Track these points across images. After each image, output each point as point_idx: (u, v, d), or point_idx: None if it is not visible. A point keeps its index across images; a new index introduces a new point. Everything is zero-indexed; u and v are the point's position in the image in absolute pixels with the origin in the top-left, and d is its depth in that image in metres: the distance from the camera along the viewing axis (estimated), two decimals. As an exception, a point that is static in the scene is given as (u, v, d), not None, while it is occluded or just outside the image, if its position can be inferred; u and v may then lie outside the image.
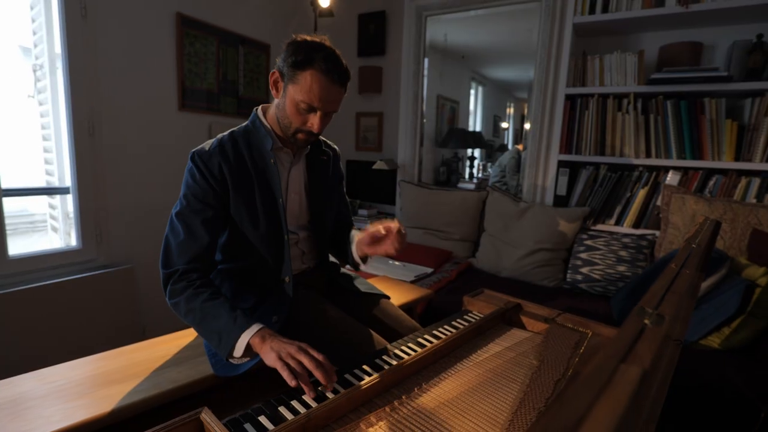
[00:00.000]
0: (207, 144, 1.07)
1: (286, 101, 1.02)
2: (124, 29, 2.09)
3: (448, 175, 3.64)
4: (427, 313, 1.86)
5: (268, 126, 1.10)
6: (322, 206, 1.21)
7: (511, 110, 5.08)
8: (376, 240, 1.05)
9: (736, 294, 1.36)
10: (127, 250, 2.21)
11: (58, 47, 1.93)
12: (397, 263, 2.36)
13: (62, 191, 2.05)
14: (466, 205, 2.55)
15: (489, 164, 4.56)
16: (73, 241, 2.07)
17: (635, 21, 2.17)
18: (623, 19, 2.16)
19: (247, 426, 0.69)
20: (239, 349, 0.89)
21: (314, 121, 1.02)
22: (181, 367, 1.03)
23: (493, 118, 4.82)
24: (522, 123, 4.66)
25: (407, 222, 2.75)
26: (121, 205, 2.16)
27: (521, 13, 2.62)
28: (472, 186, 3.80)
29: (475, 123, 4.49)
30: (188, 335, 1.21)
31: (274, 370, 0.83)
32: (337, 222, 1.33)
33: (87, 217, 2.05)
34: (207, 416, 0.67)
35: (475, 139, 3.94)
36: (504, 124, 5.01)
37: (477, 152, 4.22)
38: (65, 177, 2.04)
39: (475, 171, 4.23)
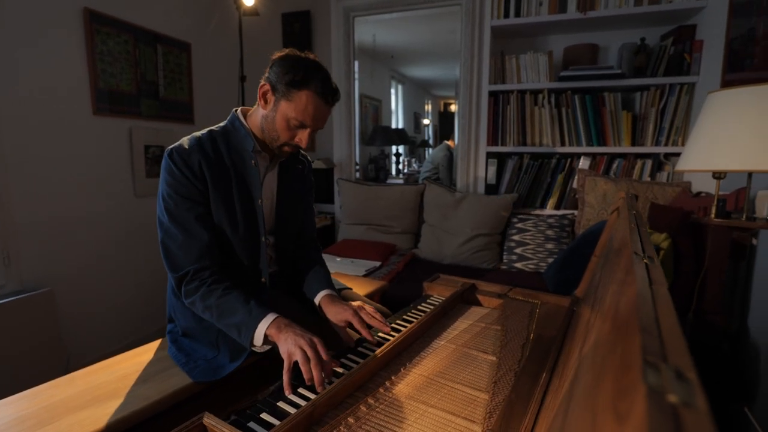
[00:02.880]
0: (184, 141, 1.04)
1: (277, 116, 1.03)
2: (23, 25, 1.86)
3: (377, 172, 3.72)
4: (383, 303, 1.91)
5: (249, 128, 1.09)
6: (288, 214, 1.22)
7: (429, 107, 5.32)
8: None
9: (646, 258, 1.60)
10: (43, 271, 1.98)
11: (-62, 44, 1.66)
12: (342, 260, 2.38)
13: (-45, 211, 1.77)
14: (405, 199, 2.65)
15: (413, 160, 4.75)
16: (-27, 268, 1.80)
17: (543, 25, 2.43)
18: (533, 23, 2.40)
19: (252, 425, 0.69)
20: (258, 339, 0.92)
21: (303, 137, 1.04)
22: (149, 384, 0.97)
23: (413, 115, 5.01)
24: (440, 119, 4.92)
25: (348, 219, 2.78)
26: (31, 221, 1.92)
27: (443, 16, 2.77)
28: (400, 181, 3.93)
29: (398, 121, 4.64)
30: (149, 350, 1.13)
31: (246, 372, 0.87)
32: (301, 235, 1.31)
33: (-10, 239, 1.80)
34: (210, 420, 0.66)
35: (399, 136, 4.08)
36: (425, 121, 5.24)
37: (402, 149, 4.37)
38: (-43, 194, 1.77)
39: (400, 167, 4.38)
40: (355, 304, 1.06)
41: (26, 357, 1.85)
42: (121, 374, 1.01)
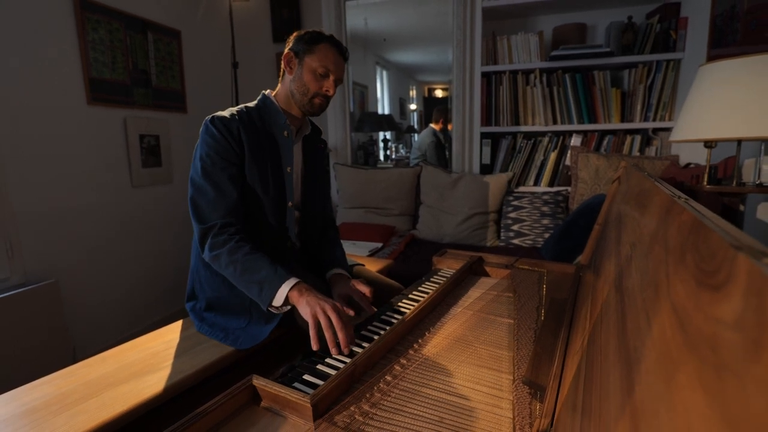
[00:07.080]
0: (223, 111, 1.13)
1: (304, 72, 1.16)
2: (11, 14, 1.81)
3: (366, 158, 3.73)
4: (388, 282, 1.96)
5: (278, 105, 1.20)
6: (312, 186, 1.29)
7: (413, 93, 5.32)
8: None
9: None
10: (47, 262, 1.97)
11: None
12: (343, 242, 2.41)
13: (-47, 205, 1.74)
14: (402, 181, 2.69)
15: (400, 146, 4.77)
16: (-25, 262, 1.78)
17: (532, 5, 2.46)
18: (523, 3, 2.43)
19: (298, 385, 0.73)
20: (279, 299, 0.96)
21: (329, 85, 1.16)
22: (182, 359, 1.01)
23: (399, 101, 5.02)
24: (425, 105, 4.93)
25: (346, 203, 2.81)
26: (31, 213, 1.91)
27: (433, -2, 2.79)
28: (390, 167, 3.95)
29: (384, 107, 4.65)
30: (174, 330, 1.16)
31: (276, 343, 0.91)
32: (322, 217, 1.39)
33: (-10, 232, 1.78)
34: (260, 381, 0.70)
35: (387, 122, 4.09)
36: (412, 106, 5.25)
37: (389, 134, 4.39)
38: (-46, 188, 1.74)
39: (389, 153, 4.39)
40: (363, 287, 1.11)
41: (33, 349, 1.85)
42: (151, 352, 1.04)
